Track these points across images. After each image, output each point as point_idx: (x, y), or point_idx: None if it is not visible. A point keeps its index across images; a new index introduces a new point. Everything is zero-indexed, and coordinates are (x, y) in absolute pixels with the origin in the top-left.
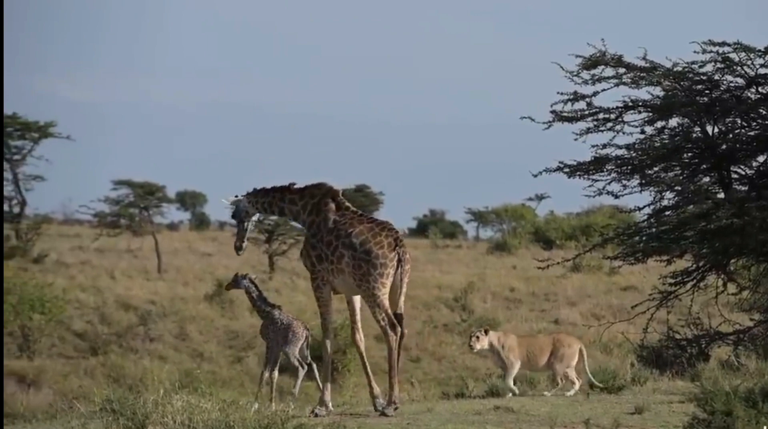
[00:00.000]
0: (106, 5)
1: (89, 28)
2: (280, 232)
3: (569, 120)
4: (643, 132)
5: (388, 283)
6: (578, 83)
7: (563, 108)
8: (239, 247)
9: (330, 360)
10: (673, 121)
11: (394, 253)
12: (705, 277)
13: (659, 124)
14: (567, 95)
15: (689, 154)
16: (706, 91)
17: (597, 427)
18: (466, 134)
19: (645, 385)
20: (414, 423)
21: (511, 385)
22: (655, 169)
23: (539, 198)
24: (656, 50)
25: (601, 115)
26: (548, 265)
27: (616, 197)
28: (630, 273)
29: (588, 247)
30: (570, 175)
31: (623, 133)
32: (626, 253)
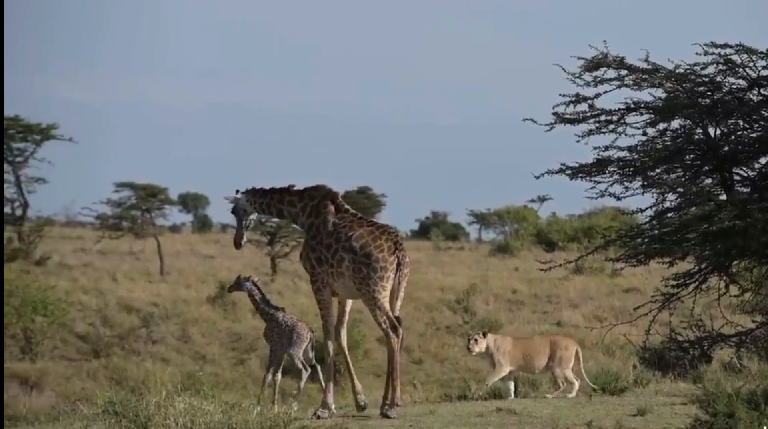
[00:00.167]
0: (107, 5)
1: (90, 28)
2: (283, 235)
3: (571, 122)
4: (645, 134)
5: (389, 286)
6: (580, 85)
7: (565, 110)
8: (239, 243)
9: (332, 362)
10: (675, 123)
11: (393, 257)
12: (707, 278)
13: (661, 126)
14: (569, 97)
15: (691, 156)
16: (708, 93)
17: None
18: (468, 136)
19: (647, 386)
20: (416, 425)
21: (491, 383)
22: (658, 171)
23: (541, 200)
24: (658, 52)
25: (603, 117)
26: (550, 267)
27: (619, 199)
28: (632, 275)
29: (590, 249)
30: (572, 177)
31: (625, 135)
32: (628, 255)
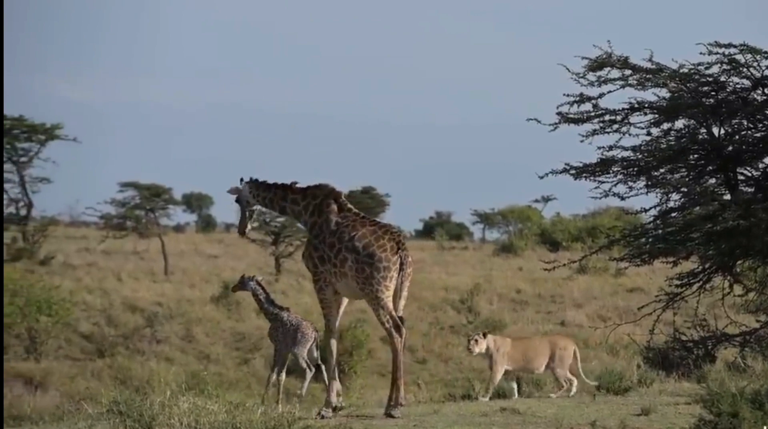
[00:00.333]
0: (107, 6)
1: (90, 28)
2: (287, 234)
3: (575, 122)
4: (649, 134)
5: (392, 285)
6: (584, 85)
7: (569, 110)
8: (242, 231)
9: (335, 361)
10: (680, 123)
11: (396, 257)
12: (711, 278)
13: (665, 125)
14: (573, 97)
15: (695, 156)
16: (713, 93)
17: None
18: (472, 136)
19: (651, 386)
20: (420, 425)
21: (493, 388)
22: (662, 170)
23: (545, 200)
24: (662, 52)
25: (607, 117)
26: (554, 267)
27: (623, 199)
28: (636, 275)
29: (594, 248)
30: (576, 176)
31: (629, 135)
32: (632, 254)
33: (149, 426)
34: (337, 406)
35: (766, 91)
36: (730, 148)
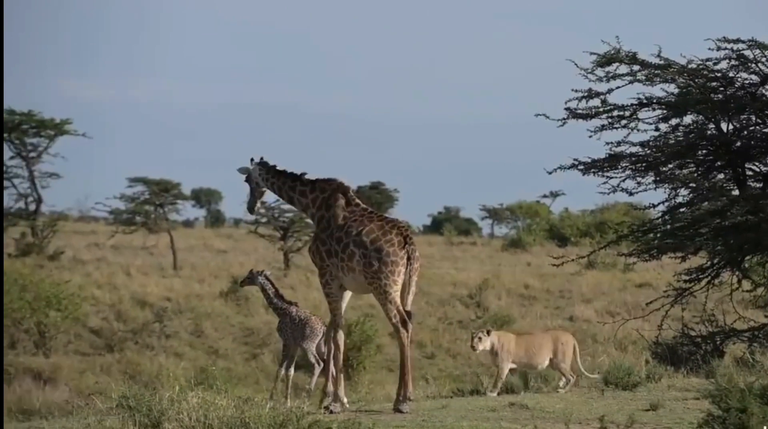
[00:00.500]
0: (118, 5)
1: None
2: (295, 229)
3: (584, 117)
4: (657, 129)
5: (400, 280)
6: (593, 80)
7: (578, 105)
8: (251, 210)
9: (342, 355)
10: (688, 119)
11: (404, 251)
12: (720, 273)
13: (674, 121)
14: (581, 92)
15: (704, 151)
16: (721, 89)
17: (612, 424)
18: (480, 132)
19: (660, 382)
20: (429, 420)
21: (500, 386)
22: (670, 166)
23: (554, 195)
24: (671, 47)
25: (615, 113)
26: (563, 262)
27: (631, 194)
28: (645, 270)
29: (602, 244)
30: (584, 172)
31: (638, 131)
32: (641, 250)
33: (158, 421)
34: (342, 401)
35: None
36: (739, 143)
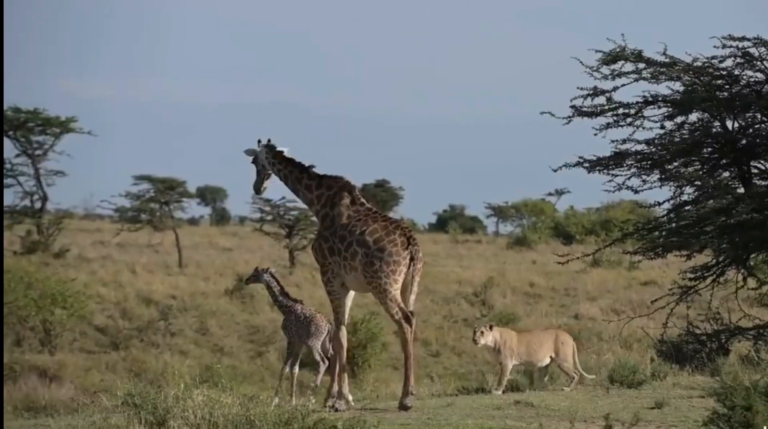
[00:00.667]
0: (122, 5)
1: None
2: (301, 227)
3: (589, 115)
4: (662, 127)
5: (401, 280)
6: (598, 78)
7: (583, 103)
8: (258, 190)
9: (345, 352)
10: (693, 116)
11: (407, 252)
12: (725, 271)
13: (679, 119)
14: (587, 90)
15: (709, 149)
16: (726, 86)
17: (617, 422)
18: (485, 130)
19: (665, 380)
20: (434, 417)
21: (505, 383)
22: (675, 164)
23: (559, 193)
24: (676, 45)
25: (620, 110)
26: (568, 260)
27: (636, 192)
28: (650, 268)
29: (608, 242)
30: (590, 170)
31: (643, 128)
32: (646, 248)
33: (163, 419)
34: (332, 405)
35: None
36: (744, 141)
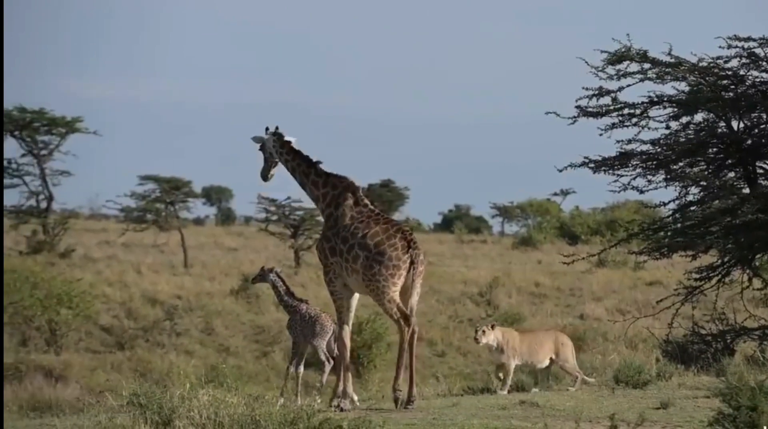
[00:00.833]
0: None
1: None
2: (306, 227)
3: (594, 115)
4: (668, 127)
5: (399, 283)
6: (603, 79)
7: (588, 103)
8: (264, 177)
9: (348, 352)
10: (699, 117)
11: (407, 255)
12: (730, 272)
13: (684, 119)
14: (592, 90)
15: (714, 150)
16: (732, 87)
17: (622, 422)
18: (490, 130)
19: (670, 380)
20: (440, 417)
21: (509, 383)
22: (681, 164)
23: (564, 193)
24: (681, 45)
25: (626, 111)
26: (573, 261)
27: (642, 192)
28: (655, 268)
29: (613, 242)
30: (595, 170)
31: (648, 129)
32: (651, 248)
33: (169, 418)
34: (337, 405)
35: None
36: (750, 141)
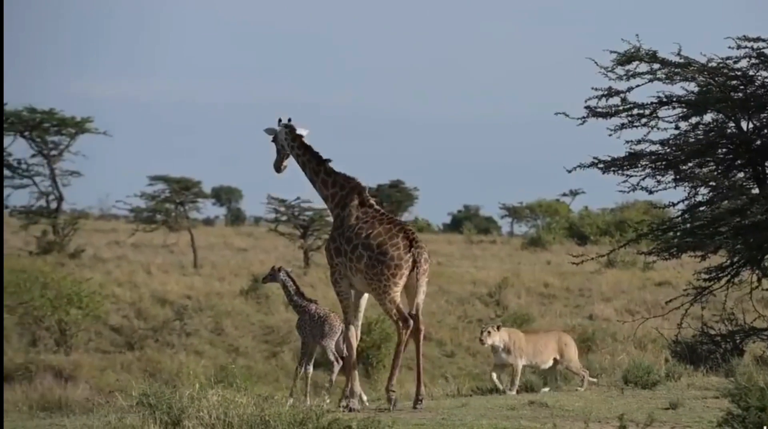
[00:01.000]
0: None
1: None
2: (315, 228)
3: (603, 115)
4: (677, 127)
5: (401, 283)
6: (612, 79)
7: (597, 103)
8: (277, 168)
9: (355, 352)
10: (708, 117)
11: (409, 255)
12: (739, 272)
13: (694, 119)
14: (601, 91)
15: (724, 150)
16: (741, 87)
17: (631, 422)
18: (500, 130)
19: (679, 380)
20: (449, 418)
21: (518, 384)
22: (690, 164)
23: (573, 193)
24: (690, 46)
25: (635, 111)
26: (582, 261)
27: (651, 193)
28: (664, 268)
29: (622, 242)
30: (604, 170)
31: (657, 129)
32: (660, 248)
33: (178, 419)
34: (346, 405)
35: None
36: (759, 142)
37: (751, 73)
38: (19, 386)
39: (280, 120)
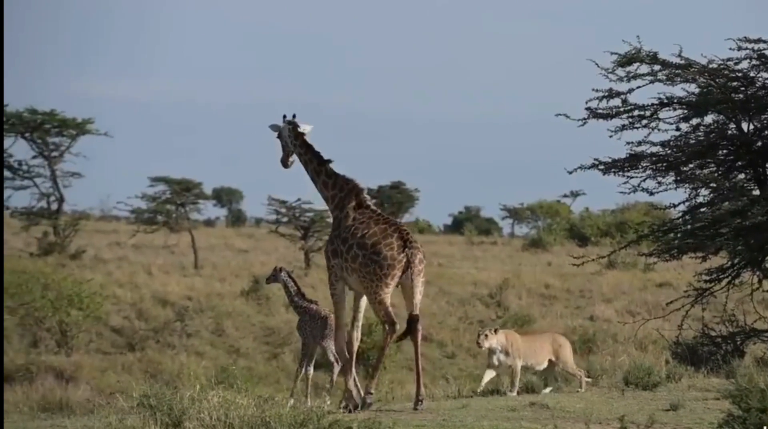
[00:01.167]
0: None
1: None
2: (316, 229)
3: (604, 117)
4: (678, 129)
5: (393, 283)
6: (613, 80)
7: (598, 105)
8: (285, 164)
9: (353, 353)
10: (709, 118)
11: (402, 255)
12: (740, 273)
13: (694, 121)
14: (602, 92)
15: (724, 151)
16: (742, 88)
17: (632, 424)
18: (500, 131)
19: (680, 382)
20: (449, 419)
21: (518, 385)
22: (690, 166)
23: (574, 195)
24: (691, 47)
25: (636, 112)
26: (583, 262)
27: (651, 194)
28: (665, 270)
29: (623, 243)
30: (605, 172)
31: (658, 130)
32: (661, 249)
33: (179, 420)
34: (345, 403)
35: None
36: (760, 143)
37: (751, 74)
38: (20, 387)
39: (284, 116)
